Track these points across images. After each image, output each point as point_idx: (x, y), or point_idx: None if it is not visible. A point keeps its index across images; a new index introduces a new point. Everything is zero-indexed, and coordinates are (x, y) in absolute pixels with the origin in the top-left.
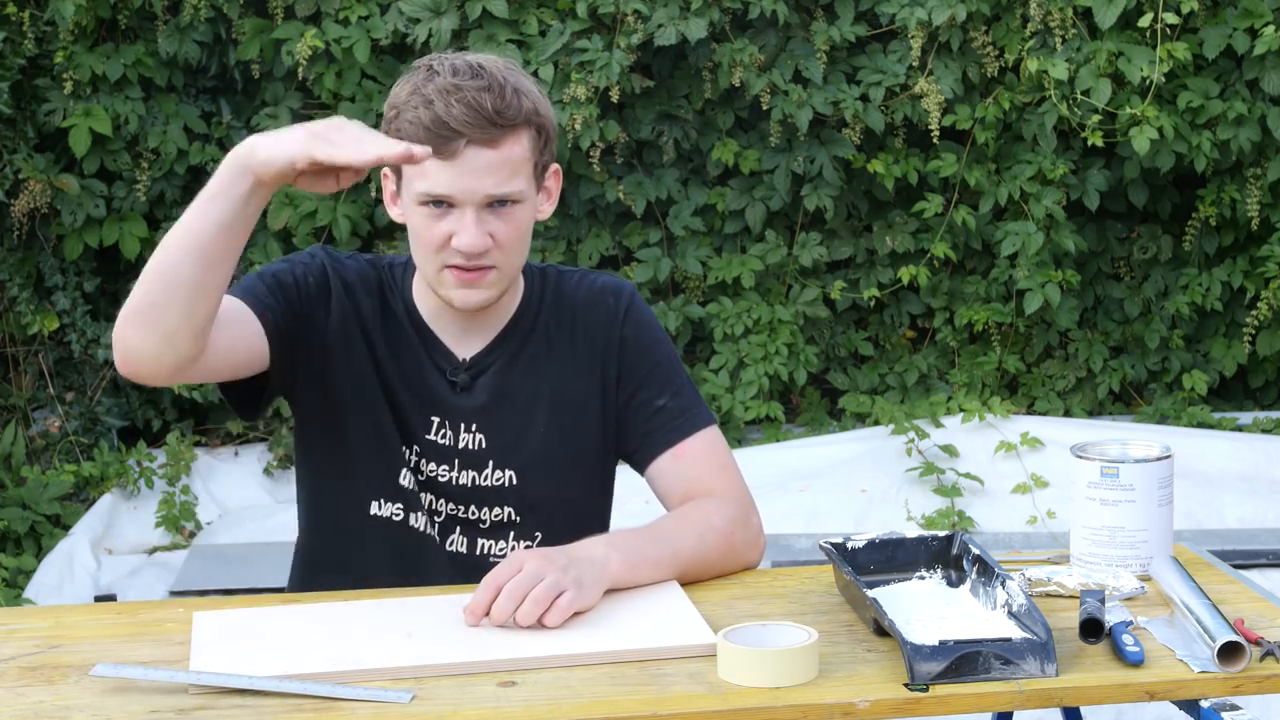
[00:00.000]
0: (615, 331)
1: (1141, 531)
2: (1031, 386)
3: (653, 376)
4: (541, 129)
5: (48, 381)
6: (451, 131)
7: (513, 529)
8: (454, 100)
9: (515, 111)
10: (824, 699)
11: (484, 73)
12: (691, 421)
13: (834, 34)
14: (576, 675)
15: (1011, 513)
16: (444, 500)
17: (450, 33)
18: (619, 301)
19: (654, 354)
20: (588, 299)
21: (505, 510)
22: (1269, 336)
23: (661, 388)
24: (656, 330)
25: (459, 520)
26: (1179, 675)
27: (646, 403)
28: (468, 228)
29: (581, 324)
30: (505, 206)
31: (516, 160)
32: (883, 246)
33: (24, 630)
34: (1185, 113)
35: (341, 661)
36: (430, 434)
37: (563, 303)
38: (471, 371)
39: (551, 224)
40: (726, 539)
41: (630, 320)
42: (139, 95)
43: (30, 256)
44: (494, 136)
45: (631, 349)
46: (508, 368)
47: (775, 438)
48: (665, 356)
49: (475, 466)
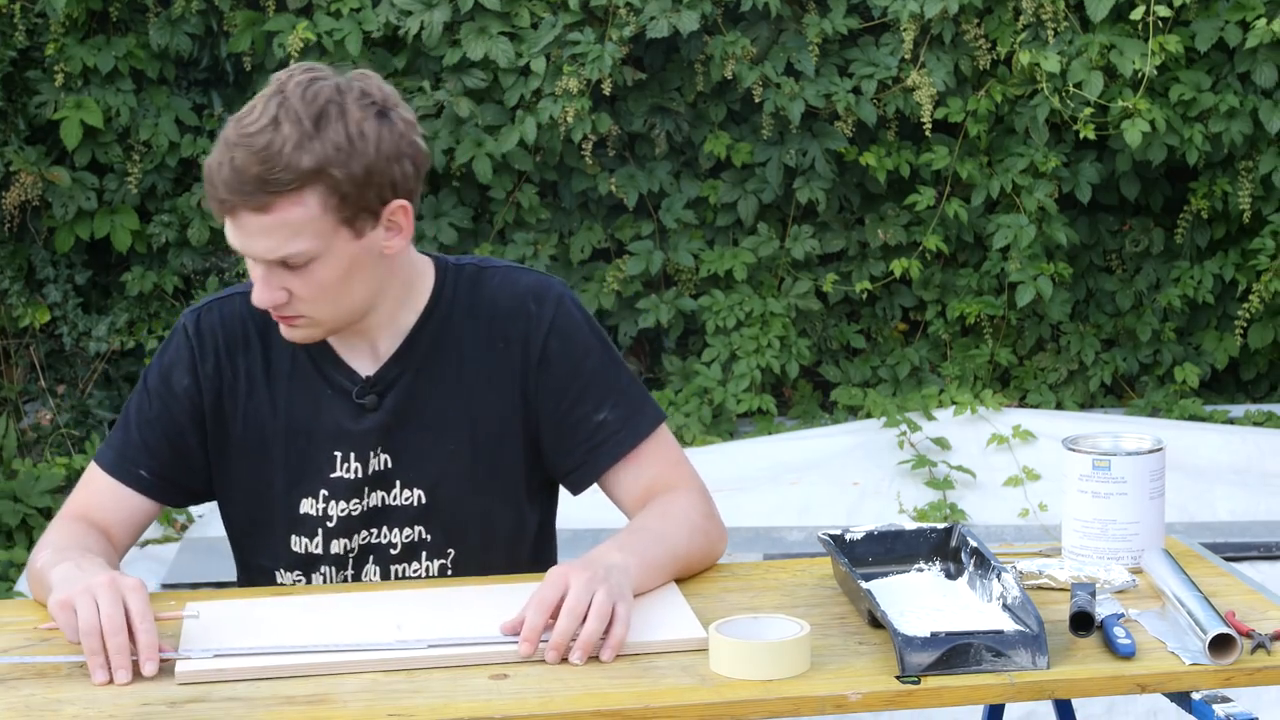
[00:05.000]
0: (536, 343)
1: (1133, 524)
2: (1023, 379)
3: (588, 390)
4: (339, 183)
5: (39, 374)
6: (219, 197)
7: (424, 549)
8: (225, 163)
9: (290, 176)
10: (816, 691)
11: (276, 124)
12: (638, 427)
13: (826, 26)
14: (568, 668)
15: (1003, 505)
16: (354, 535)
17: (442, 25)
18: (542, 309)
19: (585, 364)
20: (508, 305)
21: (416, 530)
22: (1260, 329)
23: (599, 400)
24: (587, 336)
25: (371, 549)
26: (1170, 667)
27: (585, 419)
28: (257, 283)
29: (500, 333)
30: (299, 264)
31: (296, 222)
32: (875, 239)
33: (16, 623)
34: (1177, 105)
35: (334, 647)
36: (336, 471)
37: (479, 308)
38: (377, 388)
39: (544, 216)
40: (706, 534)
41: (556, 330)
42: (130, 87)
43: (21, 249)
44: (263, 203)
45: (557, 362)
46: (414, 381)
47: (767, 430)
48: (599, 364)
49: (384, 487)
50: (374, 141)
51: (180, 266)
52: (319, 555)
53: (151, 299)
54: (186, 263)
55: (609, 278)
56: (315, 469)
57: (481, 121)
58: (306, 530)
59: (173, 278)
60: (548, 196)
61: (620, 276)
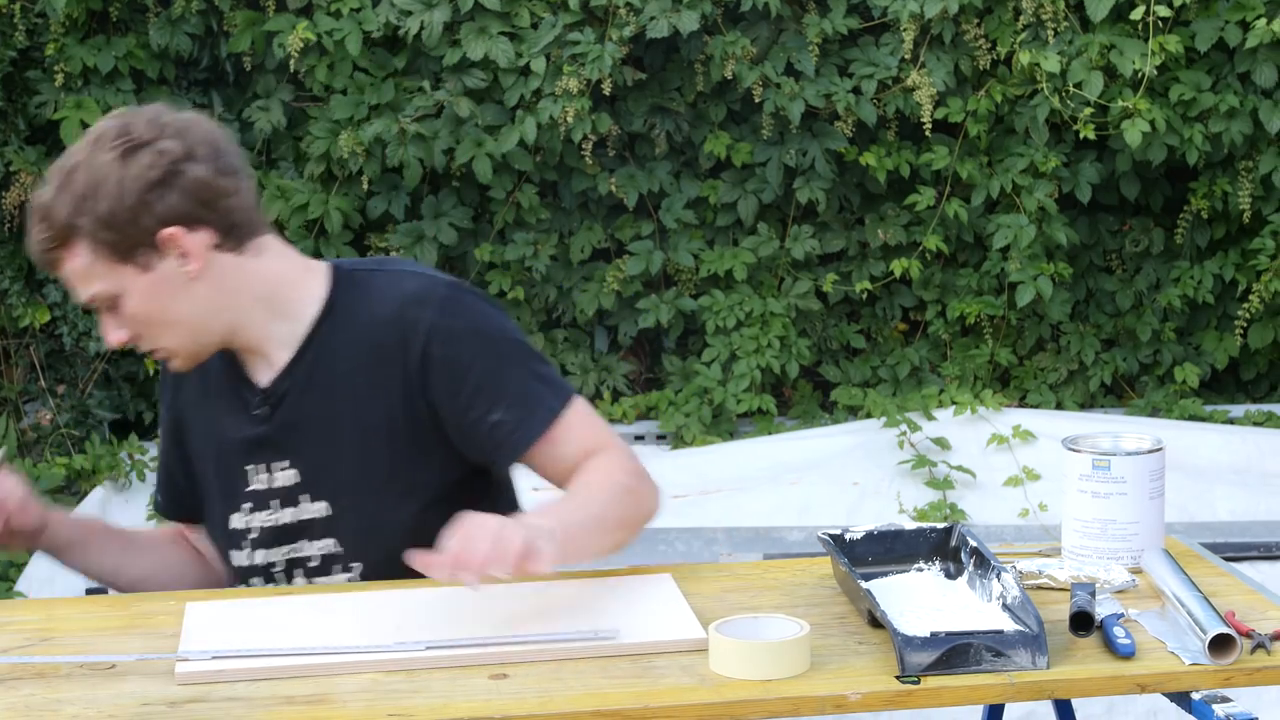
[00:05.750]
0: (415, 349)
1: (1133, 524)
2: (1023, 379)
3: (479, 392)
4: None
5: (39, 374)
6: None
7: (337, 561)
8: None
9: (54, 233)
10: (815, 691)
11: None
12: (540, 417)
13: (826, 26)
14: (568, 668)
15: (1003, 505)
16: (276, 547)
17: (442, 25)
18: (421, 313)
19: (474, 367)
20: (388, 311)
21: (328, 542)
22: (1260, 329)
23: (491, 402)
24: (473, 339)
25: (296, 563)
26: (1170, 667)
27: (480, 420)
28: (102, 326)
29: (379, 339)
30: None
31: (81, 270)
32: (875, 239)
33: (15, 623)
34: (1177, 105)
35: (333, 649)
36: (250, 484)
37: (362, 315)
38: (271, 400)
39: (544, 216)
40: (633, 493)
41: (436, 335)
42: (130, 88)
43: (21, 249)
44: (53, 259)
45: (441, 366)
46: (304, 393)
47: (767, 430)
48: (489, 365)
49: (292, 501)
50: (115, 182)
51: None
52: (250, 568)
53: None
54: None
55: (609, 278)
56: (237, 483)
57: (481, 121)
58: (238, 544)
59: None
60: (548, 196)
61: (620, 276)
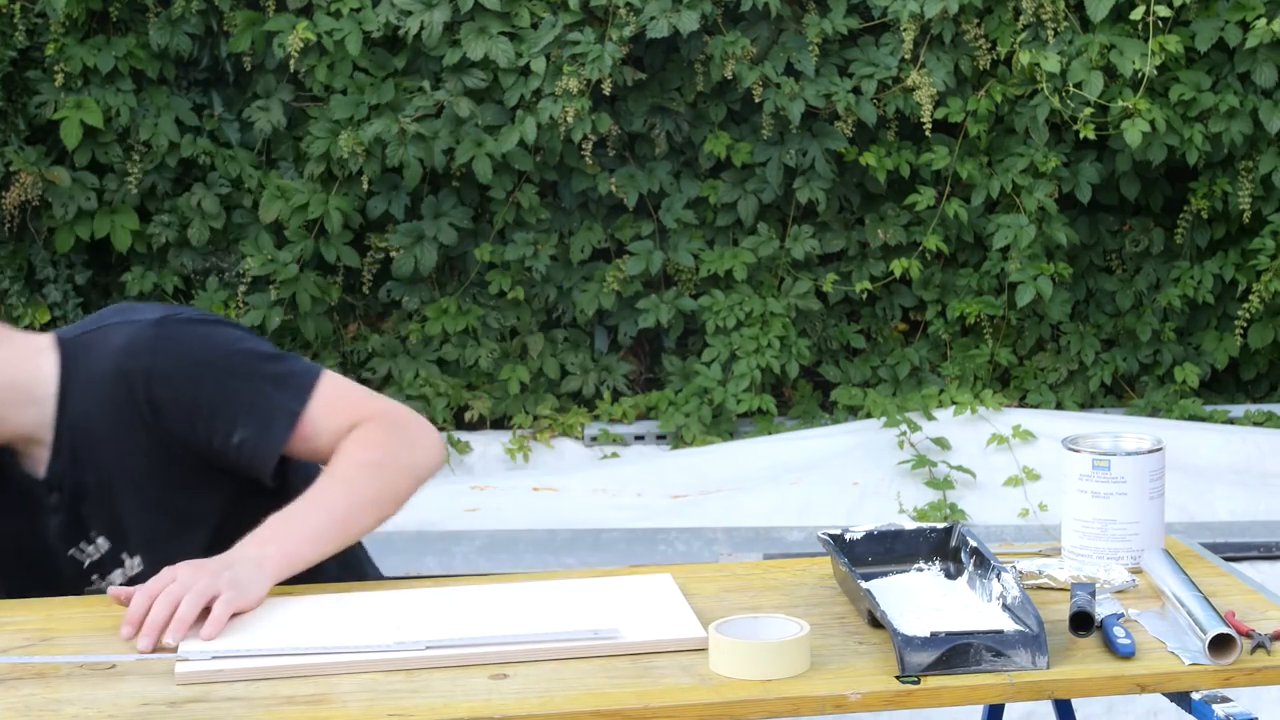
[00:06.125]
0: (142, 399)
1: (1133, 524)
2: (1023, 379)
3: (215, 417)
4: None
5: None
6: None
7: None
8: None
9: None
10: (816, 691)
11: None
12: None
13: (826, 26)
14: (569, 668)
15: (1003, 505)
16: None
17: (442, 25)
18: (135, 363)
19: (201, 397)
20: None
21: None
22: (1260, 329)
23: (230, 423)
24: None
25: None
26: (1170, 667)
27: (226, 444)
28: None
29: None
30: None
31: None
32: (875, 239)
33: (15, 623)
34: (1177, 105)
35: (332, 649)
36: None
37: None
38: (56, 486)
39: (544, 216)
40: (378, 465)
41: (156, 379)
42: (130, 87)
43: (21, 249)
44: None
45: (171, 406)
46: (75, 467)
47: (767, 430)
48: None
49: (118, 563)
50: None
51: (180, 267)
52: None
53: (151, 299)
54: (186, 263)
55: (609, 278)
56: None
57: (481, 121)
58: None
59: (173, 278)
60: (548, 196)
61: (620, 276)
